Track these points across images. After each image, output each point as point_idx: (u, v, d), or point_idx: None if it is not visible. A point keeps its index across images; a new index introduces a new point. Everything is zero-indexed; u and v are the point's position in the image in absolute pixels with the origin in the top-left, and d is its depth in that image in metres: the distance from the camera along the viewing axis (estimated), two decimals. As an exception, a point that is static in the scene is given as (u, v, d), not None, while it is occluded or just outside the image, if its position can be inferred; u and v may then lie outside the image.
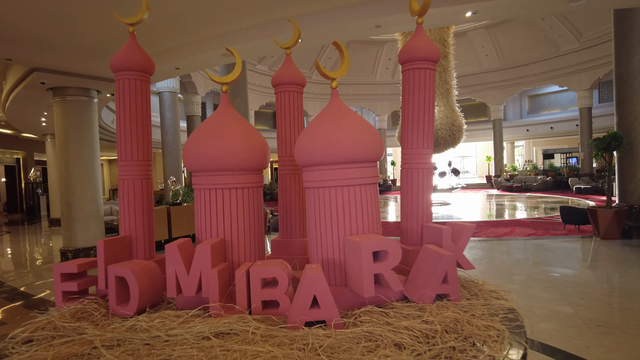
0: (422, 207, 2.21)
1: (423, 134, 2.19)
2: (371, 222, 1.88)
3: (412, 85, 2.21)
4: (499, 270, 5.69)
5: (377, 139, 1.92)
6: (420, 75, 2.23)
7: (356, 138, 1.84)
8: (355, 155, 1.83)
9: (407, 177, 2.23)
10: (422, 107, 2.19)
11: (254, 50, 6.57)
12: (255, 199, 2.11)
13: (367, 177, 1.88)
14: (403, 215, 2.30)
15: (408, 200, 2.24)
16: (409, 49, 2.26)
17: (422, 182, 2.18)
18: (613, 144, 7.25)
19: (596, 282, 4.96)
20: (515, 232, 9.84)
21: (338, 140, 1.81)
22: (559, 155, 30.02)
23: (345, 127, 1.86)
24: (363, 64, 26.41)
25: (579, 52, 21.50)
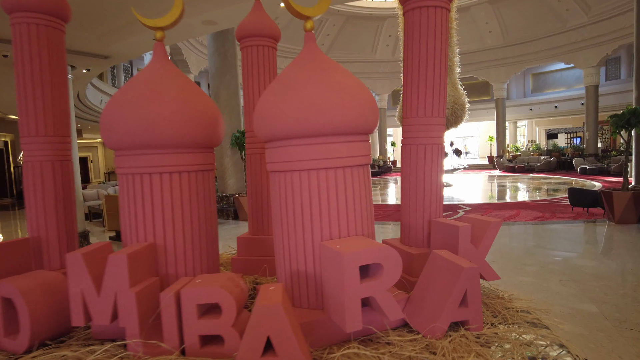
0: (429, 196, 1.65)
1: (432, 97, 1.61)
2: (360, 220, 1.34)
3: (420, 28, 1.62)
4: (508, 260, 5.17)
5: (369, 102, 1.35)
6: (430, 15, 1.64)
7: (341, 100, 1.27)
8: (339, 123, 1.26)
9: (410, 156, 1.67)
10: (431, 58, 1.60)
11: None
12: (202, 186, 1.54)
13: (355, 155, 1.32)
14: (404, 206, 1.75)
15: (411, 187, 1.68)
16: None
17: (430, 163, 1.62)
18: (633, 121, 6.64)
19: (619, 274, 4.45)
20: (520, 215, 9.32)
21: (313, 102, 1.25)
22: (562, 135, 29.34)
23: (325, 85, 1.28)
24: (362, 41, 25.44)
25: (586, 27, 20.55)
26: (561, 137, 29.46)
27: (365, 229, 1.36)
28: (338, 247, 1.17)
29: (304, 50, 1.44)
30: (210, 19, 5.61)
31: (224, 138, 9.57)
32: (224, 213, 9.59)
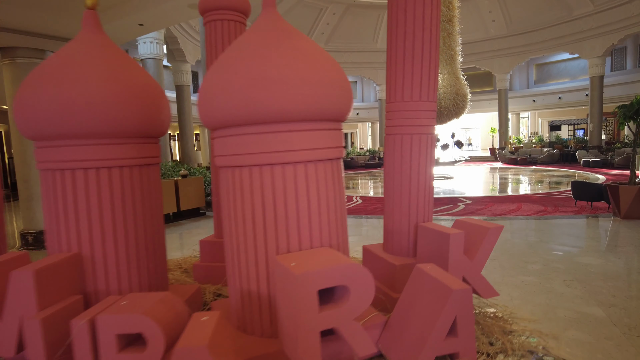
0: (416, 197, 1.39)
1: (421, 77, 1.34)
2: (328, 228, 1.08)
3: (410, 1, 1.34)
4: (510, 257, 4.92)
5: (340, 80, 1.08)
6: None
7: (301, 75, 1.00)
8: (299, 106, 1.00)
9: (394, 149, 1.41)
10: (419, 31, 1.33)
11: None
12: (141, 184, 1.27)
13: (321, 147, 1.06)
14: (388, 208, 1.49)
15: (395, 186, 1.43)
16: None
17: (418, 157, 1.36)
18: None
19: (627, 274, 4.19)
20: (522, 208, 9.06)
21: (264, 77, 0.98)
22: (566, 127, 28.93)
23: (282, 56, 1.02)
24: (363, 30, 24.97)
25: (593, 15, 20.06)
26: (564, 129, 29.08)
27: (334, 238, 1.10)
28: (293, 265, 0.92)
29: (260, 17, 1.17)
30: (196, 1, 5.31)
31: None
32: (217, 206, 9.39)
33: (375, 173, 20.84)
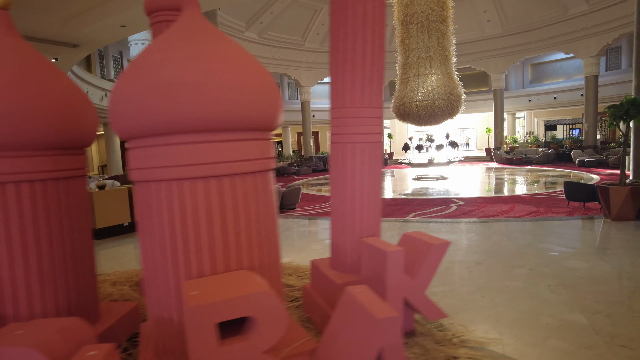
0: (360, 210, 1.29)
1: (363, 82, 1.24)
2: (248, 248, 0.98)
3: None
4: (497, 261, 4.83)
5: (264, 87, 0.98)
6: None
7: (217, 79, 0.90)
8: (213, 116, 0.90)
9: (337, 159, 1.31)
10: (360, 31, 1.22)
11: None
12: (59, 199, 1.17)
13: (241, 159, 0.96)
14: (333, 221, 1.39)
15: (338, 198, 1.33)
16: None
17: (361, 167, 1.26)
18: (632, 111, 6.25)
19: (613, 278, 4.10)
20: (515, 209, 8.99)
21: (169, 84, 0.88)
22: (561, 126, 28.90)
23: (196, 60, 0.92)
24: (357, 30, 24.87)
25: (587, 15, 20.02)
26: (560, 129, 29.06)
27: (257, 259, 1.00)
28: (193, 294, 0.82)
29: (179, 18, 1.07)
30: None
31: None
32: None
33: (371, 174, 20.68)
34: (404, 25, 15.92)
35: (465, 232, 6.43)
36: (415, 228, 7.07)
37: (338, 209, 1.35)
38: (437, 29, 15.51)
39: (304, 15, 22.53)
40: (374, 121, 1.33)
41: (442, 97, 15.32)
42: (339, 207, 1.34)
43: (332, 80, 1.30)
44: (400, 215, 8.68)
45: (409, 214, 8.92)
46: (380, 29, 1.25)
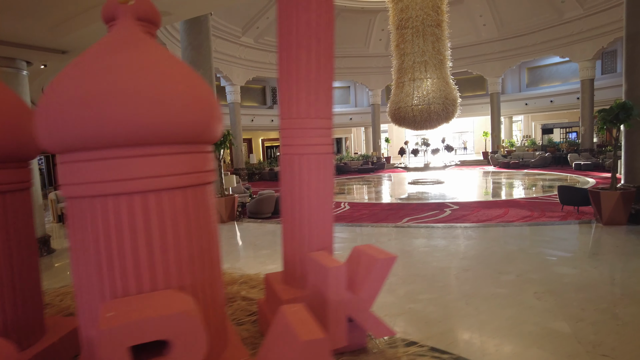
0: (309, 223, 1.26)
1: (308, 92, 1.22)
2: (179, 267, 0.94)
3: (290, 5, 1.22)
4: (485, 267, 4.79)
5: (197, 96, 0.95)
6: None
7: (138, 91, 0.88)
8: (138, 127, 0.87)
9: (285, 169, 1.28)
10: (305, 41, 1.20)
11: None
12: (8, 213, 1.14)
13: (168, 174, 0.92)
14: (284, 234, 1.36)
15: (286, 210, 1.30)
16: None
17: (308, 179, 1.24)
18: (622, 116, 6.23)
19: (600, 285, 4.06)
20: (509, 213, 8.97)
21: (86, 95, 0.85)
22: (558, 130, 28.93)
23: (117, 71, 0.89)
24: (355, 35, 24.95)
25: (582, 19, 20.09)
26: (557, 132, 29.07)
27: (189, 277, 0.96)
28: (109, 315, 0.79)
29: (111, 29, 1.05)
30: (163, 9, 5.18)
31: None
32: (199, 214, 9.21)
33: (368, 178, 20.76)
34: (399, 29, 15.96)
35: (456, 237, 6.40)
36: (405, 233, 7.03)
37: (287, 221, 1.32)
38: (432, 33, 15.55)
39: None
40: (322, 132, 1.31)
41: (438, 101, 15.33)
42: (288, 220, 1.32)
43: (279, 90, 1.28)
44: (394, 220, 8.65)
45: (403, 218, 8.89)
46: (326, 37, 1.23)
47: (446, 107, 15.58)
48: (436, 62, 15.71)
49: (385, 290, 4.11)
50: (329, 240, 1.35)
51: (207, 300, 1.05)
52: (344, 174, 23.86)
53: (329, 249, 1.35)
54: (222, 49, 21.04)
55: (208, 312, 1.06)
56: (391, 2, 16.38)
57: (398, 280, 4.43)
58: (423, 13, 15.46)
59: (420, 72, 15.59)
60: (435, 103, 15.34)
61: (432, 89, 15.38)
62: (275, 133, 31.03)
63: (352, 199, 13.02)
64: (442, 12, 16.07)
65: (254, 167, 23.79)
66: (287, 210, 1.32)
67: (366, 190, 15.97)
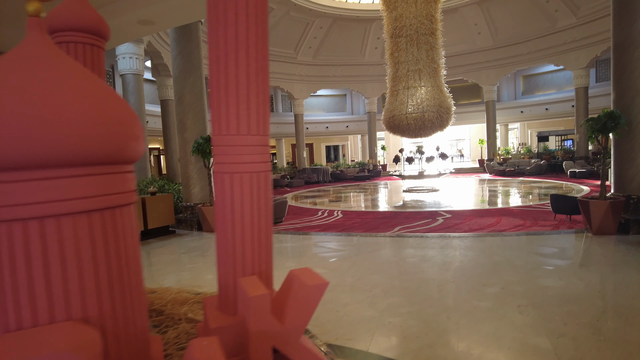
0: (242, 246, 1.20)
1: (237, 106, 1.16)
2: (83, 297, 0.87)
3: (217, 17, 1.17)
4: (469, 279, 4.71)
5: (107, 115, 0.90)
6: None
7: (32, 111, 0.82)
8: (34, 149, 0.81)
9: (217, 189, 1.22)
10: (233, 53, 1.15)
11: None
12: None
13: (77, 197, 0.87)
14: (218, 257, 1.30)
15: (220, 231, 1.24)
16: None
17: (241, 200, 1.18)
18: (609, 125, 6.21)
19: (586, 298, 3.99)
20: (501, 222, 8.90)
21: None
22: (553, 137, 29.00)
23: (20, 86, 0.84)
24: (350, 43, 25.07)
25: (576, 28, 20.24)
26: (552, 140, 29.14)
27: (99, 306, 0.89)
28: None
29: (18, 45, 0.99)
30: (145, 17, 5.15)
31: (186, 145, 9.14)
32: (187, 223, 9.14)
33: (364, 185, 20.71)
34: (393, 38, 16.02)
35: (444, 247, 6.32)
36: (394, 243, 6.96)
37: (221, 244, 1.26)
38: (426, 41, 15.60)
39: (296, 28, 22.69)
40: (256, 149, 1.25)
41: (432, 109, 15.34)
42: (221, 242, 1.25)
43: (210, 106, 1.23)
44: (386, 229, 8.58)
45: (395, 227, 8.82)
46: (257, 50, 1.18)
47: (440, 115, 15.59)
48: (430, 70, 15.74)
49: (366, 303, 4.04)
50: (265, 263, 1.29)
51: (120, 331, 0.98)
52: (340, 182, 23.81)
53: (266, 273, 1.29)
54: (217, 57, 21.11)
55: (120, 344, 0.99)
56: (385, 10, 16.46)
57: (380, 292, 4.35)
58: (417, 22, 15.52)
59: (414, 80, 15.62)
60: (430, 111, 15.35)
61: (427, 97, 15.40)
62: (272, 141, 31.11)
63: (346, 207, 12.94)
64: (436, 21, 16.14)
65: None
66: (219, 232, 1.26)
67: (360, 198, 15.91)
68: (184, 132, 9.19)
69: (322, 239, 7.73)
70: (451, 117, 16.00)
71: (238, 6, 1.17)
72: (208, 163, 8.69)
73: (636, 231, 6.37)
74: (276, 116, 29.17)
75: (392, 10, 15.92)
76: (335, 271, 5.25)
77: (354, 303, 4.08)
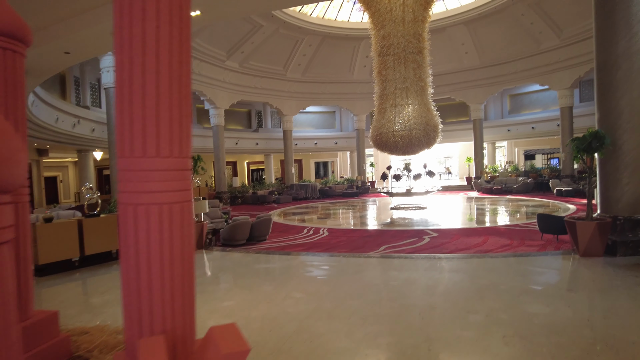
0: (147, 299, 0.97)
1: (143, 122, 0.95)
2: None
3: (122, 11, 0.97)
4: (453, 305, 4.48)
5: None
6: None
7: None
8: None
9: (122, 224, 1.00)
10: (138, 57, 0.95)
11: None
12: None
13: None
14: (124, 308, 1.07)
15: (125, 280, 1.01)
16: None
17: (149, 239, 0.95)
18: (595, 144, 6.13)
19: (574, 327, 3.77)
20: (488, 242, 8.74)
21: None
22: (540, 156, 29.31)
23: None
24: (339, 61, 25.21)
25: (559, 49, 20.64)
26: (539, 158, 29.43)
27: None
28: None
29: None
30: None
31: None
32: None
33: (352, 202, 20.53)
34: (381, 56, 16.10)
35: (429, 269, 6.10)
36: (377, 265, 6.72)
37: (126, 293, 1.02)
38: (413, 60, 15.69)
39: (285, 45, 22.75)
40: (169, 175, 1.02)
41: (419, 127, 15.33)
42: (126, 291, 1.02)
43: (115, 122, 1.01)
44: (371, 248, 8.35)
45: (381, 246, 8.60)
46: (171, 54, 0.97)
47: (427, 133, 15.58)
48: (417, 88, 15.79)
49: (343, 333, 3.78)
50: (182, 318, 1.06)
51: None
52: (328, 198, 23.59)
53: (182, 329, 1.06)
54: (206, 73, 21.00)
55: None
56: (373, 29, 16.57)
57: (359, 320, 4.09)
58: (404, 40, 15.62)
59: (401, 98, 15.65)
60: (417, 129, 15.33)
61: (414, 115, 15.41)
62: (261, 156, 30.83)
63: (332, 225, 12.70)
64: (423, 40, 16.27)
65: (237, 190, 23.36)
66: (124, 280, 1.03)
67: (347, 215, 15.68)
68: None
69: (304, 260, 7.45)
70: (438, 135, 16.00)
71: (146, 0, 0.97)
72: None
73: (623, 253, 6.23)
74: (265, 132, 29.03)
75: (380, 28, 16.03)
76: (314, 296, 4.98)
77: (329, 333, 3.81)
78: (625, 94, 6.40)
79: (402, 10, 15.27)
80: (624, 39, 6.35)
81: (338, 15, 22.55)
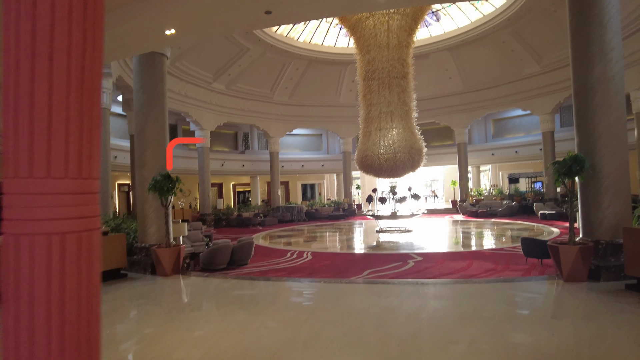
0: (29, 352, 0.79)
1: (31, 133, 0.80)
2: None
3: (9, 6, 0.83)
4: (434, 333, 4.29)
5: None
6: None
7: None
8: None
9: (5, 260, 0.83)
10: (26, 59, 0.81)
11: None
12: None
13: None
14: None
15: (5, 326, 0.83)
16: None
17: (38, 281, 0.77)
18: (575, 168, 6.13)
19: (558, 357, 3.61)
20: (472, 266, 8.61)
21: None
22: (524, 179, 29.69)
23: None
24: (326, 84, 25.47)
25: (540, 75, 21.23)
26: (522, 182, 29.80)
27: None
28: None
29: None
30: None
31: (144, 182, 8.64)
32: (141, 266, 8.44)
33: (338, 225, 20.34)
34: (366, 80, 16.31)
35: (411, 295, 5.91)
36: (359, 291, 6.51)
37: (6, 345, 0.85)
38: (397, 84, 15.90)
39: (272, 68, 22.94)
40: (64, 200, 0.85)
41: (404, 150, 15.40)
42: (6, 343, 0.84)
43: (4, 128, 0.86)
44: (355, 272, 8.14)
45: (364, 270, 8.40)
46: (69, 58, 0.84)
47: (412, 156, 15.65)
48: (402, 112, 15.95)
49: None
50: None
51: None
52: (314, 220, 23.33)
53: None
54: (192, 94, 20.95)
55: None
56: (359, 54, 16.83)
57: (335, 351, 3.87)
58: (389, 65, 15.86)
59: (386, 121, 15.77)
60: (401, 152, 15.40)
61: (398, 139, 15.50)
62: (247, 178, 30.57)
63: (317, 248, 12.45)
64: (408, 65, 16.55)
65: (221, 212, 22.93)
66: (3, 330, 0.84)
67: (333, 239, 15.46)
68: (142, 169, 8.70)
69: (283, 286, 7.19)
70: (422, 158, 16.09)
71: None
72: (165, 201, 8.17)
73: (606, 278, 6.15)
74: (251, 153, 28.89)
75: (365, 53, 16.29)
76: (290, 324, 4.73)
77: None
78: (602, 118, 6.48)
79: (386, 36, 15.56)
80: (598, 65, 6.48)
81: (324, 41, 22.93)
